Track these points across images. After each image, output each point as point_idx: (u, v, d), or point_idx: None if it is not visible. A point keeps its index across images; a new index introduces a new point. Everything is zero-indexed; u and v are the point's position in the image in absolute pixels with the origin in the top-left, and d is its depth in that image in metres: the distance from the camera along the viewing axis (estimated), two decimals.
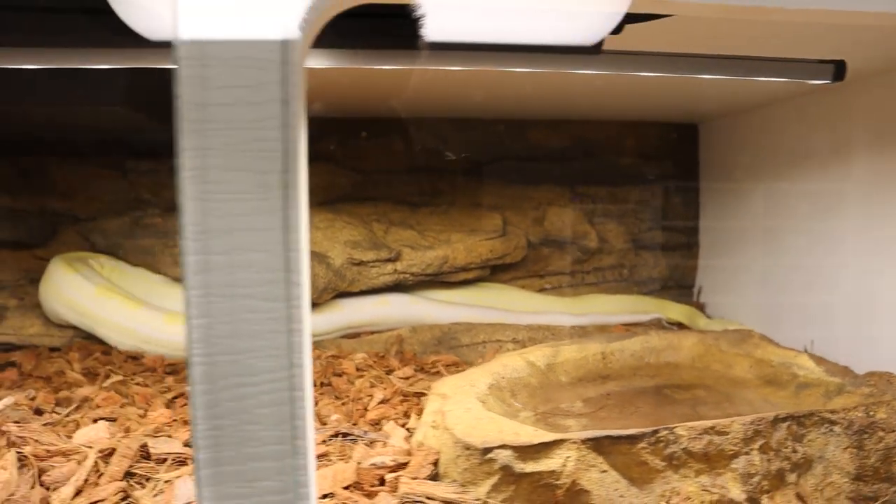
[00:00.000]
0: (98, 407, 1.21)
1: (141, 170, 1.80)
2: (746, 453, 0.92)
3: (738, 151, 1.83)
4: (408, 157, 1.89)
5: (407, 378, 1.37)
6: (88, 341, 1.66)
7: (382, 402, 1.22)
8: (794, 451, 0.95)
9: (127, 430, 1.06)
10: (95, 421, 1.14)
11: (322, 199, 1.82)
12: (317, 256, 1.57)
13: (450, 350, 1.57)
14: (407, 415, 1.17)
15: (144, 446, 0.99)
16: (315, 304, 1.64)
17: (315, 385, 1.29)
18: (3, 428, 0.99)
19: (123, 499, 0.91)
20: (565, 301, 1.82)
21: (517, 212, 1.84)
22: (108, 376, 1.44)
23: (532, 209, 1.86)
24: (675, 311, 1.83)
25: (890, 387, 1.08)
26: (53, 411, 1.19)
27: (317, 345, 1.61)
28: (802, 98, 1.62)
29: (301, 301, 0.62)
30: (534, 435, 0.87)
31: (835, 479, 0.95)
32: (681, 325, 1.78)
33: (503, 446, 0.85)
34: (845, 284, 1.53)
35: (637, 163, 1.91)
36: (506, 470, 0.85)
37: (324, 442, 1.03)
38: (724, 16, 0.72)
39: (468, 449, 0.88)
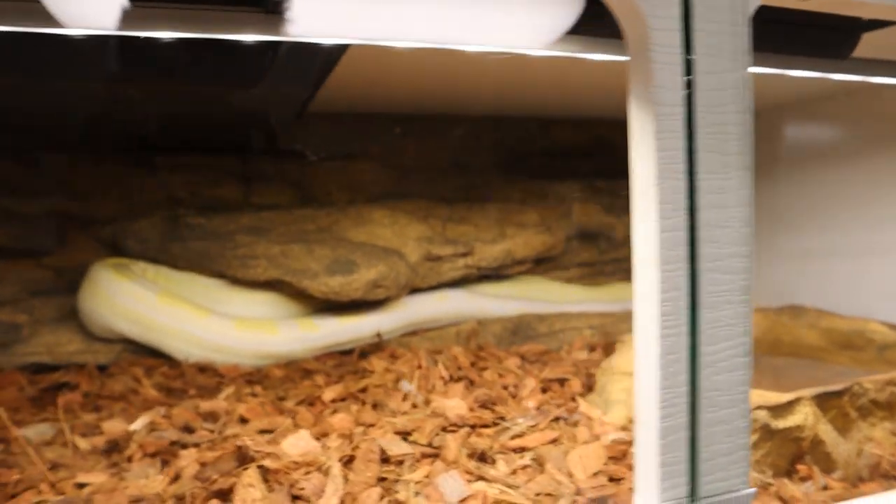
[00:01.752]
0: (245, 421, 1.12)
1: (172, 166, 1.64)
2: None
3: None
4: (441, 154, 1.90)
5: (521, 366, 1.40)
6: (138, 356, 1.50)
7: (533, 390, 1.24)
8: None
9: (348, 437, 1.00)
10: (262, 432, 1.06)
11: (368, 196, 1.78)
12: (394, 253, 1.54)
13: (527, 339, 1.62)
14: (571, 398, 1.20)
15: (381, 450, 0.95)
16: (382, 302, 1.61)
17: (453, 379, 1.29)
18: (239, 442, 0.90)
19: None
20: (596, 290, 1.93)
21: (545, 207, 1.92)
22: (186, 390, 1.32)
23: (557, 204, 1.95)
24: None
25: None
26: (202, 428, 1.08)
27: (392, 343, 1.58)
28: (806, 103, 1.87)
29: (751, 274, 0.67)
30: (777, 395, 0.96)
31: None
32: None
33: (759, 407, 0.93)
34: (853, 265, 1.78)
35: None
36: (764, 428, 0.93)
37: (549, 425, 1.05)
38: None
39: None
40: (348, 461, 0.92)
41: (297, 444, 0.97)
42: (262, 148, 1.69)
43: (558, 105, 1.88)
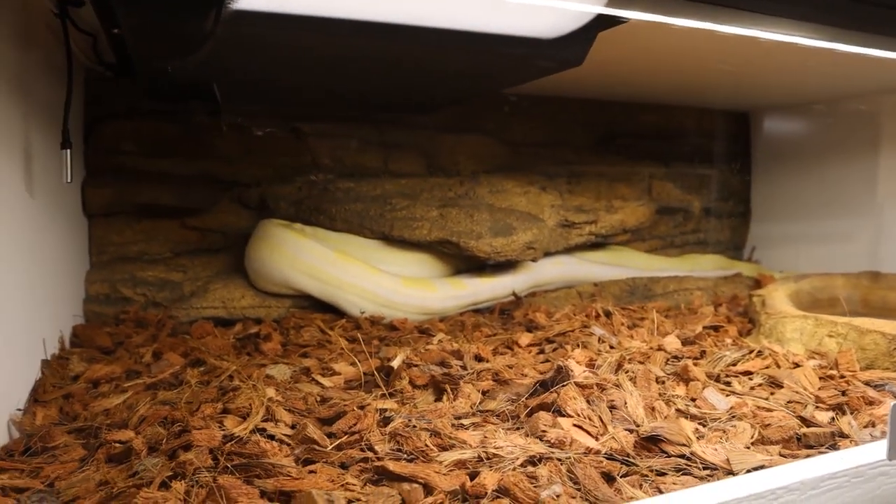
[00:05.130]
0: (482, 359, 1.24)
1: (318, 133, 1.71)
2: None
3: (783, 138, 2.31)
4: (542, 131, 2.04)
5: (667, 317, 1.57)
6: (306, 311, 1.57)
7: (700, 334, 1.41)
8: None
9: (595, 366, 1.14)
10: (508, 367, 1.18)
11: (487, 168, 1.90)
12: (539, 219, 1.68)
13: (644, 299, 1.79)
14: (735, 340, 1.38)
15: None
16: (513, 265, 1.74)
17: (630, 327, 1.44)
18: (560, 363, 1.02)
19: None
20: (673, 260, 2.12)
21: (632, 183, 2.10)
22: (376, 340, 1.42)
23: (639, 181, 2.14)
24: (745, 267, 2.23)
25: None
26: (454, 364, 1.19)
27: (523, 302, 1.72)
28: (832, 104, 2.14)
29: None
30: None
31: None
32: (756, 280, 2.18)
33: None
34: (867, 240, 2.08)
35: (710, 143, 2.29)
36: None
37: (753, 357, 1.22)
38: None
39: None
40: (632, 381, 1.07)
41: (576, 368, 1.10)
42: (398, 119, 1.78)
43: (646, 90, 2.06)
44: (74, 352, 1.30)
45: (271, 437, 0.91)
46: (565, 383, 0.99)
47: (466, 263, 1.72)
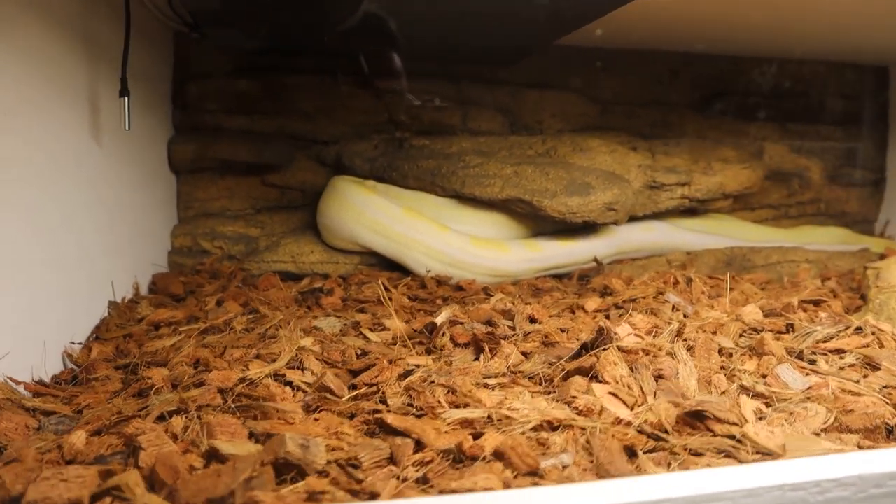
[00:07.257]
0: (535, 320, 1.16)
1: (395, 91, 1.68)
2: None
3: None
4: (639, 89, 1.89)
5: (763, 290, 1.41)
6: (373, 268, 1.56)
7: (795, 308, 1.25)
8: None
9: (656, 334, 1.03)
10: (561, 330, 1.10)
11: (574, 127, 1.80)
12: (622, 178, 1.55)
13: (742, 270, 1.62)
14: (832, 315, 1.21)
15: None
16: (596, 229, 1.63)
17: (712, 296, 1.31)
18: (602, 324, 0.94)
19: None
20: (785, 232, 1.91)
21: (739, 145, 1.91)
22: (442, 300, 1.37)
23: (749, 144, 1.93)
24: (875, 243, 1.96)
25: None
26: (503, 324, 1.13)
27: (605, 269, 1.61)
28: None
29: None
30: None
31: None
32: (881, 256, 1.91)
33: None
34: None
35: (835, 102, 2.03)
36: None
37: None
38: None
39: None
40: (689, 350, 0.95)
41: (626, 334, 1.00)
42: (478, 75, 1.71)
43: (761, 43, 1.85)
44: (146, 297, 1.36)
45: (288, 384, 0.89)
46: (606, 347, 0.90)
47: (544, 226, 1.63)
